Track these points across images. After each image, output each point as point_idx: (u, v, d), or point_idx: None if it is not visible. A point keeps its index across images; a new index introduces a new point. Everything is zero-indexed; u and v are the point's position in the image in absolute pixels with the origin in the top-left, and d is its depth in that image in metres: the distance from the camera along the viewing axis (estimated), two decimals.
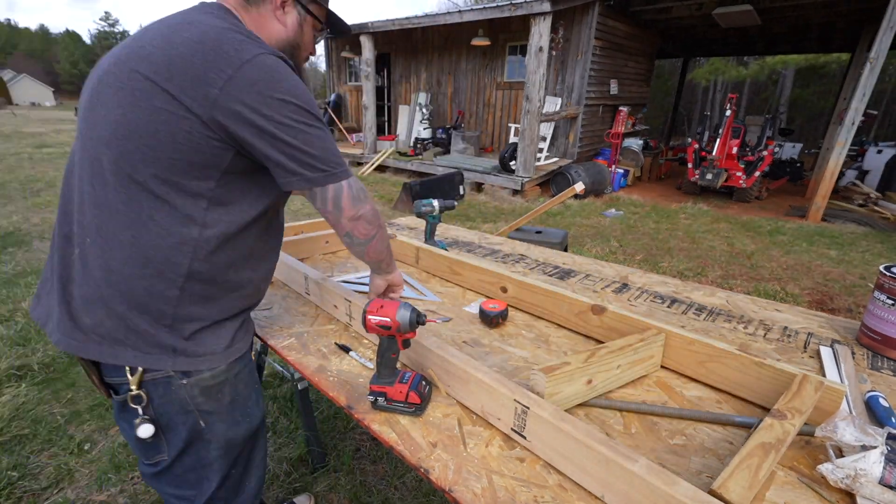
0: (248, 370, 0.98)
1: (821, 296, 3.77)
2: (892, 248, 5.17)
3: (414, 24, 8.27)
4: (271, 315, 1.29)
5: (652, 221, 6.00)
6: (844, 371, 1.01)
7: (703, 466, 0.76)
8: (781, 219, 6.41)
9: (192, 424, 0.88)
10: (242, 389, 0.95)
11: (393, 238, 1.75)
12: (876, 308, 1.12)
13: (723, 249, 4.95)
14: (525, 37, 7.68)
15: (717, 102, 24.03)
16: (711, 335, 1.18)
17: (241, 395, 0.95)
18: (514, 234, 3.20)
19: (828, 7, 7.78)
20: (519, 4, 6.49)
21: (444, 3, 36.16)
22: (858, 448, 0.71)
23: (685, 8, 8.15)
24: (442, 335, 1.19)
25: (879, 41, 5.41)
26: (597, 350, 0.93)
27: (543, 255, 1.84)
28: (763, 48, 12.95)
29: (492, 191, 7.22)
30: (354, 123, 11.91)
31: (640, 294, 1.47)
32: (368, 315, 0.87)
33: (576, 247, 4.74)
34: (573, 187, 3.21)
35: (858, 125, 5.80)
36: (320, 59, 51.05)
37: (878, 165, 8.19)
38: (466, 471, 0.75)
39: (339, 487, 1.71)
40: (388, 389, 0.88)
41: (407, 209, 6.01)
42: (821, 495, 0.70)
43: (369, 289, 1.15)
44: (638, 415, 0.89)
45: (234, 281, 0.89)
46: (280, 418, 2.06)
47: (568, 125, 8.30)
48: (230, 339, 0.90)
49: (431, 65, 9.96)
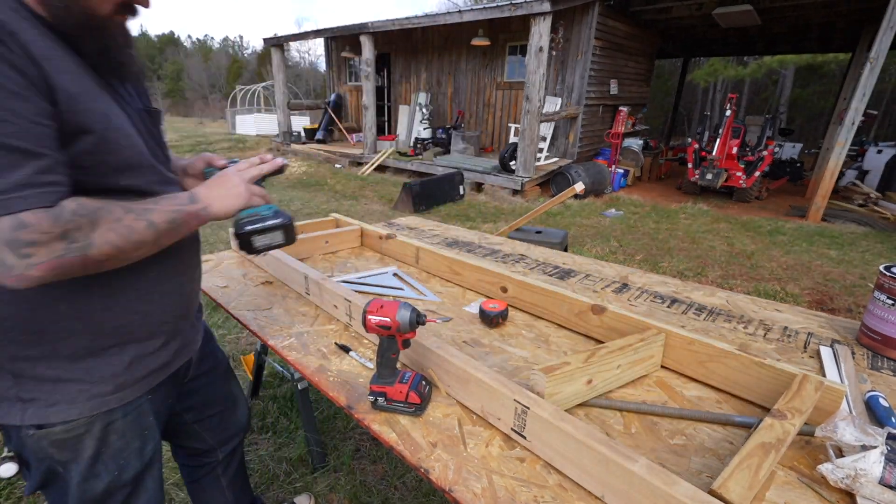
0: (130, 419, 0.85)
1: (821, 296, 3.77)
2: (892, 248, 5.17)
3: (414, 24, 8.27)
4: (271, 315, 1.28)
5: (652, 221, 6.00)
6: (844, 371, 1.01)
7: (703, 466, 0.76)
8: (781, 219, 6.41)
9: (48, 468, 0.81)
10: (115, 441, 0.84)
11: (393, 238, 1.75)
12: (876, 308, 1.12)
13: (723, 249, 4.95)
14: (525, 37, 7.68)
15: (717, 102, 24.01)
16: (711, 335, 1.18)
17: (113, 447, 0.84)
18: (514, 234, 3.20)
19: (828, 7, 7.78)
20: (519, 4, 6.49)
21: (444, 3, 36.17)
22: (858, 448, 0.71)
23: (685, 8, 8.15)
24: (442, 335, 1.19)
25: (879, 41, 5.40)
26: (597, 350, 0.93)
27: (543, 255, 1.84)
28: (763, 48, 12.95)
29: (492, 191, 7.22)
30: (354, 123, 11.92)
31: (640, 294, 1.47)
32: (368, 315, 0.87)
33: (576, 247, 4.74)
34: (573, 187, 3.21)
35: (858, 125, 5.80)
36: (320, 59, 50.85)
37: (878, 165, 8.19)
38: (466, 471, 0.75)
39: (339, 487, 1.71)
40: (388, 389, 0.88)
41: (407, 209, 6.01)
42: (821, 495, 0.70)
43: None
44: (638, 415, 0.89)
45: (65, 321, 0.74)
46: (280, 418, 2.06)
47: (568, 125, 8.30)
48: (105, 389, 0.80)
49: (431, 65, 9.96)
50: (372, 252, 1.86)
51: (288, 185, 7.62)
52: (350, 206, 6.24)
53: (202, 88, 42.64)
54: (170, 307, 0.87)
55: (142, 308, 0.82)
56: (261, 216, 0.93)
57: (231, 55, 52.45)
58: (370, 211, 6.02)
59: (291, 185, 7.65)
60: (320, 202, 6.40)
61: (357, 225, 1.93)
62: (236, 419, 1.24)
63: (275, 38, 10.56)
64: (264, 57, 37.93)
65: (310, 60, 44.16)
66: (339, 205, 6.33)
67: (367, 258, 1.79)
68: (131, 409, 0.85)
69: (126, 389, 0.83)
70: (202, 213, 0.81)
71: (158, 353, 0.87)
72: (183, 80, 45.62)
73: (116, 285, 0.77)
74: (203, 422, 1.16)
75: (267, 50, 12.04)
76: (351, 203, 6.46)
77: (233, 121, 17.22)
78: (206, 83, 43.13)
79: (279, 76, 10.88)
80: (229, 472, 1.29)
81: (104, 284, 0.76)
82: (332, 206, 6.16)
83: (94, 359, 0.78)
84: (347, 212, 5.86)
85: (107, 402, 0.81)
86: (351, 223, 1.96)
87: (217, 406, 1.18)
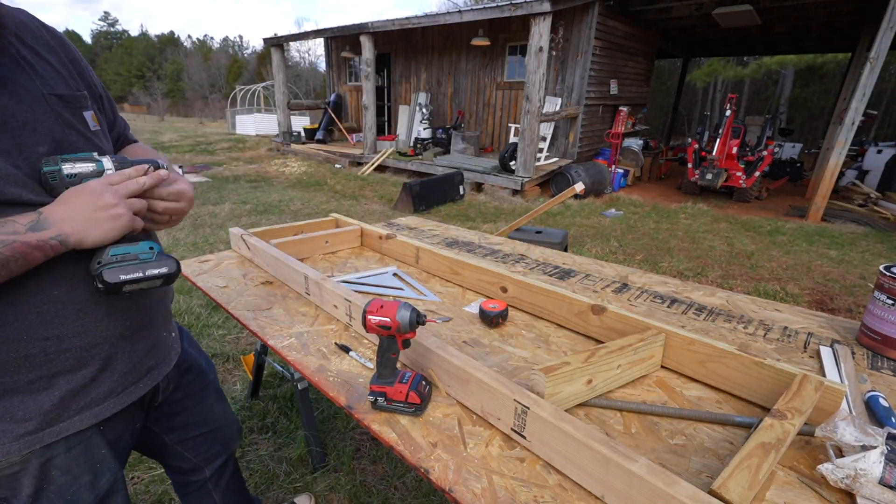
0: (76, 453, 0.77)
1: (821, 296, 3.77)
2: (892, 248, 5.17)
3: (414, 24, 8.27)
4: (271, 315, 1.28)
5: (652, 221, 6.00)
6: (844, 371, 1.01)
7: (703, 466, 0.76)
8: (781, 219, 6.41)
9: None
10: (59, 476, 0.76)
11: (393, 238, 1.75)
12: (876, 308, 1.12)
13: (723, 249, 4.95)
14: (525, 37, 7.69)
15: (716, 102, 24.03)
16: (711, 335, 1.18)
17: (56, 482, 0.76)
18: (514, 234, 3.20)
19: (828, 7, 7.78)
20: (519, 4, 6.49)
21: (444, 3, 36.21)
22: (858, 448, 0.71)
23: (685, 8, 8.15)
24: (442, 335, 1.19)
25: (879, 41, 5.41)
26: (597, 350, 0.93)
27: (543, 255, 1.84)
28: (763, 48, 12.96)
29: (492, 191, 7.22)
30: (354, 123, 11.92)
31: (640, 294, 1.47)
32: (368, 315, 0.87)
33: (576, 247, 4.74)
34: (573, 187, 3.21)
35: (858, 125, 5.81)
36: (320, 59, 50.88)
37: (878, 165, 8.19)
38: (466, 471, 0.75)
39: (339, 487, 1.71)
40: (388, 389, 0.88)
41: (407, 209, 6.01)
42: (821, 495, 0.70)
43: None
44: (638, 415, 0.89)
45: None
46: (280, 418, 2.06)
47: (568, 125, 8.30)
48: (35, 425, 0.72)
49: (431, 65, 9.96)
50: (372, 252, 1.86)
51: (288, 185, 7.63)
52: (350, 206, 6.25)
53: (202, 88, 42.65)
54: (99, 327, 0.75)
55: (53, 332, 0.70)
56: (139, 260, 0.72)
57: (231, 55, 52.46)
58: (370, 211, 6.02)
59: (291, 185, 7.65)
60: (320, 202, 6.40)
61: (357, 225, 1.93)
62: (224, 437, 1.17)
63: (275, 38, 10.56)
64: (264, 57, 37.96)
65: (310, 60, 44.21)
66: (339, 205, 6.33)
67: (367, 258, 1.79)
68: (76, 443, 0.77)
69: (61, 423, 0.74)
70: (52, 243, 0.63)
71: (97, 381, 0.77)
72: (183, 80, 45.63)
73: (8, 311, 0.66)
74: (186, 442, 1.09)
75: (267, 50, 12.04)
76: (351, 203, 6.47)
77: (232, 121, 17.24)
78: (205, 83, 43.14)
79: (279, 76, 10.89)
80: (221, 485, 1.22)
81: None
82: (332, 206, 6.16)
83: (13, 396, 0.69)
84: (347, 212, 5.86)
85: (39, 439, 0.72)
86: (351, 223, 1.96)
87: (202, 426, 1.10)
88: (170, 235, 4.51)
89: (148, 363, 0.87)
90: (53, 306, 0.69)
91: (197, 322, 2.81)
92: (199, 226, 4.98)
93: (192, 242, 4.35)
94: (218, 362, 2.46)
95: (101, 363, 0.77)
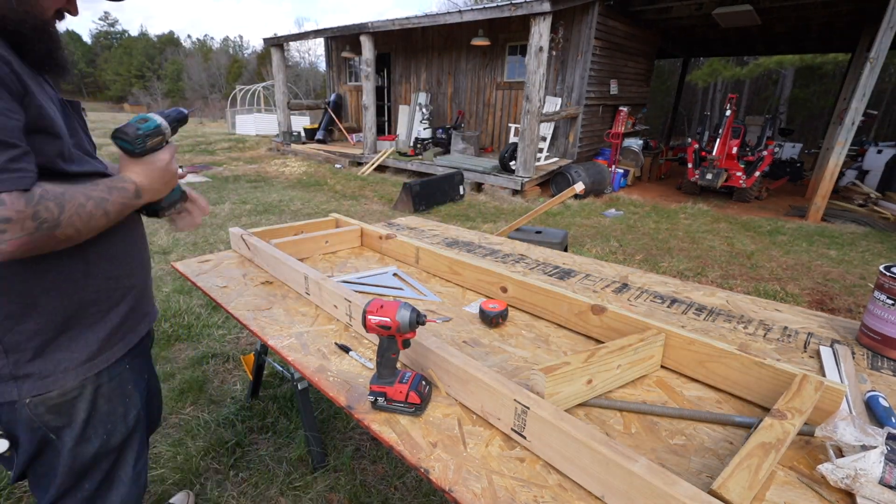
0: (116, 382, 0.92)
1: (821, 296, 3.77)
2: (892, 248, 5.17)
3: (414, 24, 8.27)
4: (271, 315, 1.28)
5: (652, 221, 6.00)
6: (844, 371, 1.01)
7: (703, 466, 0.76)
8: (781, 219, 6.41)
9: (42, 437, 0.85)
10: (104, 405, 0.90)
11: (393, 238, 1.75)
12: (876, 308, 1.12)
13: (723, 249, 4.95)
14: (525, 37, 7.69)
15: (716, 102, 24.03)
16: (711, 335, 1.18)
17: (102, 410, 0.90)
18: (514, 234, 3.20)
19: (828, 7, 7.78)
20: (519, 4, 6.49)
21: (444, 3, 36.18)
22: (858, 448, 0.71)
23: (685, 8, 8.15)
24: (442, 335, 1.19)
25: (879, 41, 5.40)
26: (597, 350, 0.93)
27: (543, 255, 1.84)
28: (763, 48, 12.95)
29: (492, 191, 7.22)
30: (354, 123, 11.92)
31: (640, 294, 1.47)
32: (368, 315, 0.87)
33: (576, 247, 4.74)
34: (573, 187, 3.21)
35: (858, 125, 5.81)
36: (320, 59, 50.92)
37: (878, 165, 8.19)
38: (466, 471, 0.75)
39: (339, 487, 1.71)
40: (388, 389, 0.88)
41: (407, 209, 6.01)
42: (821, 495, 0.70)
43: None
44: (638, 415, 0.89)
45: (54, 291, 0.79)
46: (280, 418, 2.06)
47: (568, 125, 8.30)
48: (92, 352, 0.86)
49: (431, 65, 9.96)
50: (372, 252, 1.86)
51: (288, 185, 7.62)
52: (350, 206, 6.24)
53: (202, 88, 42.65)
54: (135, 273, 0.94)
55: (114, 273, 0.89)
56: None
57: (231, 55, 52.44)
58: (370, 211, 6.02)
59: (291, 184, 7.65)
60: (320, 202, 6.39)
61: (357, 225, 1.93)
62: (159, 405, 1.26)
63: (275, 38, 10.56)
64: (264, 57, 37.95)
65: (310, 60, 44.19)
66: (339, 205, 6.33)
67: (367, 258, 1.79)
68: (115, 374, 0.92)
69: (108, 352, 0.89)
70: (140, 203, 0.89)
71: (131, 314, 0.95)
72: (183, 80, 45.62)
73: (92, 253, 0.84)
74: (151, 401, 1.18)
75: (267, 50, 12.04)
76: (351, 203, 6.46)
77: (232, 121, 17.22)
78: (205, 83, 43.14)
79: (279, 76, 10.89)
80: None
81: (83, 254, 0.82)
82: (332, 206, 6.16)
83: (77, 328, 0.84)
84: (347, 212, 5.86)
85: (96, 365, 0.87)
86: (351, 223, 1.96)
87: (155, 390, 1.21)
88: (170, 235, 4.51)
89: (147, 307, 1.03)
90: (117, 252, 0.89)
91: (197, 322, 2.81)
92: (200, 225, 4.97)
93: (192, 242, 4.35)
94: (218, 362, 2.46)
95: (133, 300, 0.94)
